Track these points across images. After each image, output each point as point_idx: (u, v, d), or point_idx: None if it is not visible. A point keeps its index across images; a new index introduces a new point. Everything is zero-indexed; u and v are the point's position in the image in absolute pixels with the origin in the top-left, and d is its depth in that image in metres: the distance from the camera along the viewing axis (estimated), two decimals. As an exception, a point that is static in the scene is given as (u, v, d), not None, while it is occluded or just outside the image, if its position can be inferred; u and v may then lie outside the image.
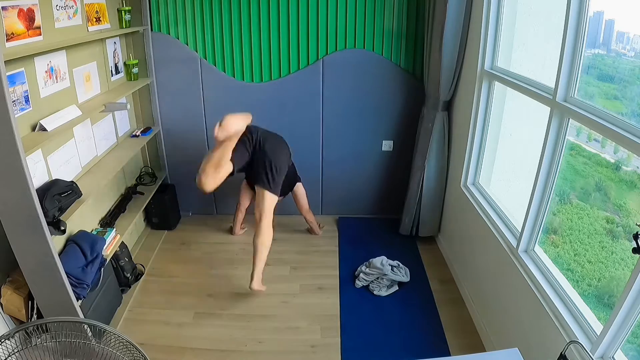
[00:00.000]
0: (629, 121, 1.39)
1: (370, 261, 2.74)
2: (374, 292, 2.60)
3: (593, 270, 1.78)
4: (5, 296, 1.89)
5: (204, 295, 2.63)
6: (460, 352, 2.20)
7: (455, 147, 2.85)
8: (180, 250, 3.09)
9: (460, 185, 2.70)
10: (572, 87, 1.68)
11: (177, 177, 3.36)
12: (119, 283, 2.53)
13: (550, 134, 1.77)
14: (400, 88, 3.05)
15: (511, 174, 2.48)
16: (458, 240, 2.81)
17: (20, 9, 1.83)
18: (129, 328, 2.35)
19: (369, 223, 3.38)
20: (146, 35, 2.90)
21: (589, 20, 1.60)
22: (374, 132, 3.19)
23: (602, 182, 1.79)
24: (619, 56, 1.64)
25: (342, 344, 2.27)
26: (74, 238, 2.15)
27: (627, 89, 1.60)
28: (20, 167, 1.56)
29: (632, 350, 1.45)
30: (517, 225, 2.10)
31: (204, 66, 3.01)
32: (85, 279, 2.02)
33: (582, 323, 1.57)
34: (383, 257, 2.74)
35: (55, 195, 1.90)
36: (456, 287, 2.71)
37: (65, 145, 2.21)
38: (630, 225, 1.57)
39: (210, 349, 2.23)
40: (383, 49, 2.97)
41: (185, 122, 3.18)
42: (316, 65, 2.99)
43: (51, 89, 2.08)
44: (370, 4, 2.85)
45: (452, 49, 2.54)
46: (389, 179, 3.34)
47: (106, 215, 2.59)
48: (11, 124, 1.49)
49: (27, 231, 1.69)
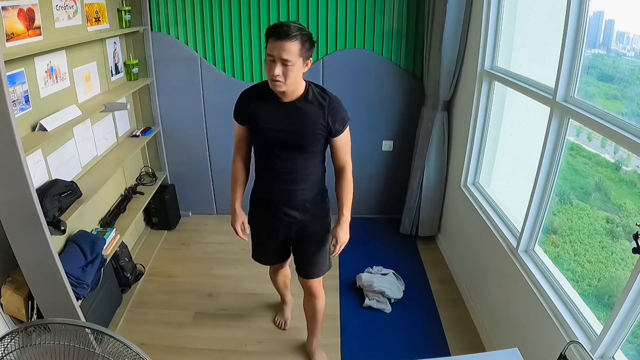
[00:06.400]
0: (629, 121, 1.39)
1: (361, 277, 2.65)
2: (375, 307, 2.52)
3: (593, 270, 1.78)
4: (5, 296, 1.89)
5: (204, 295, 2.63)
6: (460, 352, 2.20)
7: (455, 147, 2.85)
8: (180, 250, 3.09)
9: (460, 185, 2.69)
10: (572, 87, 1.68)
11: (177, 177, 3.36)
12: (119, 283, 2.53)
13: (550, 134, 1.77)
14: (400, 88, 3.05)
15: (511, 174, 2.48)
16: (458, 240, 2.81)
17: (20, 9, 1.83)
18: (129, 328, 2.35)
19: (369, 223, 3.38)
20: (146, 35, 2.90)
21: (589, 20, 1.60)
22: (374, 132, 3.19)
23: (602, 182, 1.79)
24: (619, 56, 1.64)
25: (342, 344, 2.27)
26: (74, 238, 2.15)
27: (627, 89, 1.59)
28: (20, 167, 1.56)
29: (632, 350, 1.45)
30: (517, 225, 2.10)
31: (204, 66, 3.01)
32: (85, 279, 2.02)
33: (582, 323, 1.57)
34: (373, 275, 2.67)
35: (55, 195, 1.90)
36: (456, 287, 2.70)
37: (65, 145, 2.21)
38: (630, 225, 1.57)
39: (210, 349, 2.23)
40: (383, 49, 2.96)
41: (185, 122, 3.18)
42: (316, 65, 2.99)
43: (51, 89, 2.08)
44: (370, 4, 2.84)
45: (452, 49, 2.54)
46: (389, 179, 3.34)
47: (106, 215, 2.59)
48: (11, 124, 1.49)
49: (27, 231, 1.69)
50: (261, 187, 1.81)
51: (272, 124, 1.62)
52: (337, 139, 1.69)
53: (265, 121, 1.63)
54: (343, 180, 1.79)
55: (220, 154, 3.24)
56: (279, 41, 1.44)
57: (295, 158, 1.68)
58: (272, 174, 1.73)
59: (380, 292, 2.52)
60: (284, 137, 1.63)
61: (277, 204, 1.78)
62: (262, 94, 1.63)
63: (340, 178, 1.80)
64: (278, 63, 1.46)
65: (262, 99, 1.63)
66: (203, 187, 3.41)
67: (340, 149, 1.74)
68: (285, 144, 1.65)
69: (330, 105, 1.62)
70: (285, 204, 1.77)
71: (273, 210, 1.80)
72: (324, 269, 1.95)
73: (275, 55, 1.45)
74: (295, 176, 1.71)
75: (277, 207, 1.78)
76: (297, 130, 1.61)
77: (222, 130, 3.13)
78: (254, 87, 1.69)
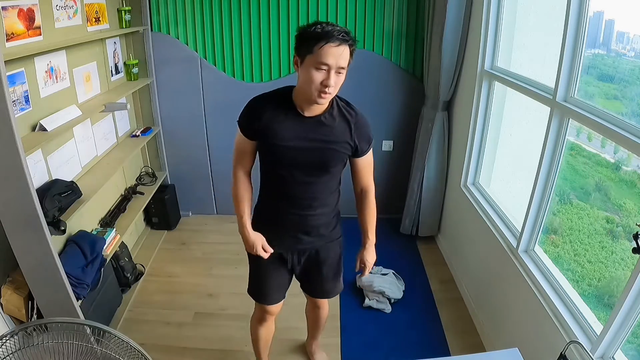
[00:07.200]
0: (629, 121, 1.39)
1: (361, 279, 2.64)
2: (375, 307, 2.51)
3: (593, 270, 1.78)
4: (5, 296, 1.89)
5: (204, 295, 2.63)
6: (460, 352, 2.20)
7: (455, 147, 2.85)
8: (180, 250, 3.09)
9: (460, 185, 2.69)
10: (572, 87, 1.68)
11: (177, 177, 3.36)
12: (119, 283, 2.53)
13: (550, 134, 1.77)
14: (400, 88, 3.05)
15: (511, 174, 2.48)
16: (458, 240, 2.81)
17: (20, 9, 1.83)
18: (129, 328, 2.35)
19: (369, 223, 3.38)
20: (146, 35, 2.90)
21: (589, 20, 1.60)
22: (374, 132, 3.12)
23: (602, 182, 1.79)
24: (619, 56, 1.64)
25: (342, 344, 2.27)
26: (74, 238, 2.15)
27: (627, 89, 1.60)
28: (20, 167, 1.56)
29: (632, 350, 1.45)
30: (517, 225, 2.10)
31: (204, 66, 3.01)
32: (85, 279, 2.02)
33: (582, 323, 1.57)
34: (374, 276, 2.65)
35: (55, 195, 1.90)
36: (456, 287, 2.70)
37: (65, 145, 2.21)
38: (630, 225, 1.57)
39: (210, 349, 2.23)
40: (383, 49, 2.96)
41: (185, 122, 3.18)
42: (316, 65, 2.99)
43: (51, 89, 2.08)
44: (370, 4, 2.84)
45: (452, 49, 2.54)
46: (389, 179, 3.34)
47: (106, 215, 2.59)
48: (11, 124, 1.49)
49: (27, 231, 1.69)
50: (269, 211, 1.60)
51: (291, 141, 1.40)
52: (362, 159, 1.52)
53: (283, 138, 1.39)
54: (367, 202, 1.63)
55: (220, 154, 3.24)
56: (339, 46, 1.25)
57: (316, 180, 1.48)
58: (286, 198, 1.52)
59: (380, 292, 2.52)
60: (305, 156, 1.41)
61: (288, 230, 1.58)
62: (278, 105, 1.41)
63: (364, 200, 1.63)
64: (333, 71, 1.27)
65: (278, 111, 1.40)
66: (203, 187, 3.41)
67: (363, 170, 1.56)
68: (306, 165, 1.43)
69: (358, 122, 1.46)
70: (298, 229, 1.57)
71: (282, 238, 1.60)
72: (337, 291, 1.83)
73: (332, 64, 1.25)
74: (313, 200, 1.52)
75: (288, 234, 1.58)
76: (322, 149, 1.41)
77: (222, 130, 3.13)
78: (268, 96, 1.44)
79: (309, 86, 1.29)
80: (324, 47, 1.24)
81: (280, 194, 1.52)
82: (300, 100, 1.39)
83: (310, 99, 1.33)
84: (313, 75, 1.28)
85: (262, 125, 1.40)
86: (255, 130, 1.43)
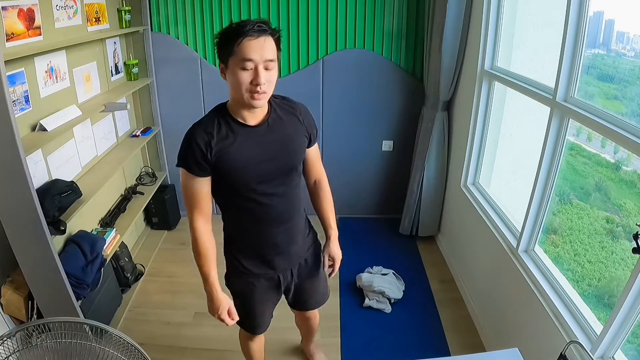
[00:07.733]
0: (629, 121, 1.39)
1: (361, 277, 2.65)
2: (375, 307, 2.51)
3: (593, 270, 1.78)
4: (5, 296, 1.89)
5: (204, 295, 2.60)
6: (460, 352, 2.20)
7: (455, 147, 2.85)
8: (180, 250, 3.09)
9: (460, 185, 2.70)
10: (572, 87, 1.68)
11: (177, 177, 3.34)
12: (119, 283, 2.53)
13: (550, 134, 1.77)
14: (400, 88, 3.05)
15: (511, 174, 2.48)
16: (458, 240, 2.81)
17: (20, 9, 1.83)
18: (129, 328, 2.35)
19: (369, 223, 3.38)
20: (146, 35, 2.90)
21: (589, 20, 1.60)
22: (374, 132, 3.19)
23: (602, 182, 1.79)
24: (619, 56, 1.64)
25: (342, 344, 2.27)
26: (74, 238, 2.15)
27: (627, 89, 1.60)
28: (20, 167, 1.56)
29: (632, 350, 1.45)
30: (517, 225, 2.10)
31: (204, 66, 3.01)
32: (85, 279, 2.02)
33: (582, 323, 1.57)
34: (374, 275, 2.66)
35: (55, 195, 1.90)
36: (456, 287, 2.70)
37: (65, 145, 2.21)
38: (630, 225, 1.57)
39: (210, 349, 2.23)
40: (383, 49, 2.96)
41: (185, 122, 3.10)
42: (316, 65, 2.99)
43: (51, 89, 2.08)
44: (370, 4, 2.85)
45: (452, 49, 2.54)
46: (389, 179, 3.34)
47: (106, 215, 2.59)
48: (11, 124, 1.49)
49: (27, 231, 1.70)
50: (250, 240, 1.47)
51: (252, 158, 1.28)
52: (312, 148, 1.46)
53: (241, 158, 1.27)
54: (324, 192, 1.55)
55: (220, 154, 3.23)
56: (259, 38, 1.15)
57: (283, 188, 1.38)
58: (258, 219, 1.39)
59: (380, 292, 2.52)
60: (268, 167, 1.31)
61: (273, 253, 1.47)
62: (220, 126, 1.27)
63: (320, 192, 1.54)
64: (260, 67, 1.17)
65: (222, 132, 1.27)
66: (203, 187, 3.40)
67: (316, 159, 1.50)
68: (274, 175, 1.34)
69: (302, 112, 1.40)
70: (282, 249, 1.46)
71: (275, 261, 1.48)
72: (326, 297, 1.77)
73: (256, 58, 1.16)
74: (287, 210, 1.42)
75: (278, 254, 1.47)
76: (284, 154, 1.34)
77: (222, 130, 3.13)
78: (204, 121, 1.30)
79: (240, 89, 1.20)
80: (243, 42, 1.15)
81: (255, 217, 1.39)
82: (238, 111, 1.28)
83: (245, 104, 1.23)
84: (240, 76, 1.18)
85: (213, 155, 1.26)
86: (206, 163, 1.27)
